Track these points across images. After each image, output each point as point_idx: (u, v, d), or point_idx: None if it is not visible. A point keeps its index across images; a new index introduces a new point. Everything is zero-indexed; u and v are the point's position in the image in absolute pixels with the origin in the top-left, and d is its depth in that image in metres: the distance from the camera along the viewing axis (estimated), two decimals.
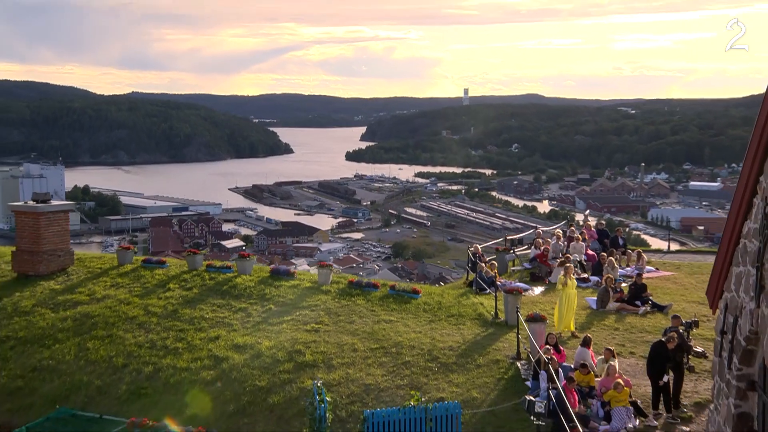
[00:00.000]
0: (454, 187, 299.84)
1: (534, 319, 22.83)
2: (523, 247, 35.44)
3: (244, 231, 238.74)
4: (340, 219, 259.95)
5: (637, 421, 19.29)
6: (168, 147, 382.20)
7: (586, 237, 33.66)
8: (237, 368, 23.06)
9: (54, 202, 31.77)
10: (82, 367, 23.84)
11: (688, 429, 19.31)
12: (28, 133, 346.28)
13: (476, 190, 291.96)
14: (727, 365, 11.36)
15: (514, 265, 32.56)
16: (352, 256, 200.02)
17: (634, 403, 19.55)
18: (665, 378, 19.75)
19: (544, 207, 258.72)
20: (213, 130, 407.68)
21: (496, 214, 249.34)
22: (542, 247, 32.27)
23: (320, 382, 20.22)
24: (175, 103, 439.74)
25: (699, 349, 22.59)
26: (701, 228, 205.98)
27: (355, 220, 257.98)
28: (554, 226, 41.56)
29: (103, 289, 28.80)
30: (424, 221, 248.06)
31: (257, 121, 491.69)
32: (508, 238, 38.29)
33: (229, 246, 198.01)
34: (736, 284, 11.30)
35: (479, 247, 32.58)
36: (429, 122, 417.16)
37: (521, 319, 22.79)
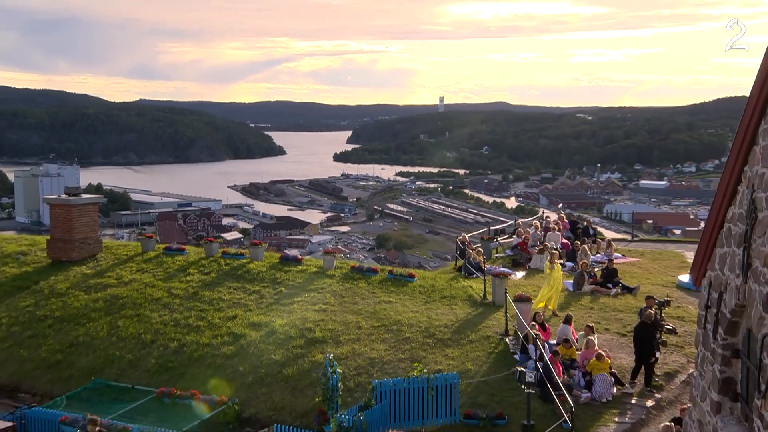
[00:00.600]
0: (431, 186, 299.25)
1: (521, 299, 22.90)
2: (505, 236, 35.44)
3: (242, 224, 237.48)
4: (329, 214, 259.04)
5: (615, 389, 19.46)
6: (173, 149, 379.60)
7: (561, 227, 33.77)
8: (254, 344, 23.04)
9: (84, 196, 31.56)
10: (114, 343, 23.79)
11: (660, 396, 19.50)
12: (47, 136, 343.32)
13: (451, 188, 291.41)
14: (712, 336, 11.41)
15: (497, 253, 32.57)
16: (339, 246, 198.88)
17: (613, 374, 19.71)
18: (657, 354, 19.94)
19: (511, 203, 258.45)
20: (214, 133, 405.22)
21: (469, 210, 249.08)
22: (523, 236, 32.40)
23: (331, 355, 20.22)
24: (180, 110, 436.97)
25: (670, 326, 22.69)
26: (650, 222, 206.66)
27: (342, 215, 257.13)
28: (532, 218, 41.57)
29: (129, 273, 28.66)
30: (405, 216, 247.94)
31: (253, 125, 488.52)
32: (491, 228, 38.28)
33: (228, 238, 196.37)
34: (720, 264, 11.35)
35: (467, 236, 32.62)
36: (408, 127, 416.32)
37: (509, 299, 22.86)
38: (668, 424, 16.56)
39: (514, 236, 33.37)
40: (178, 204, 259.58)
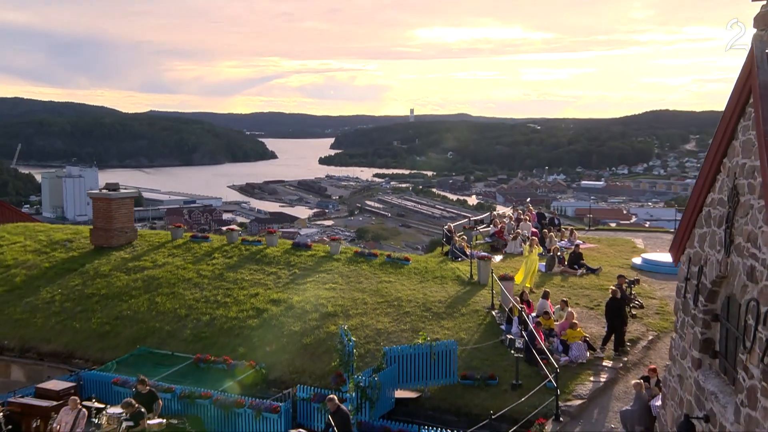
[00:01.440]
0: (404, 185, 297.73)
1: (505, 278, 23.03)
2: (484, 226, 35.46)
3: (240, 219, 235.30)
4: (315, 210, 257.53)
5: (588, 353, 19.67)
6: (179, 153, 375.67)
7: (530, 218, 33.96)
8: (275, 317, 23.04)
9: (122, 191, 31.28)
10: (154, 316, 23.72)
11: (626, 359, 19.72)
12: (69, 142, 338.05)
13: (420, 187, 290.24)
14: (692, 303, 11.56)
15: (477, 240, 32.65)
16: (324, 238, 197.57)
17: (585, 340, 19.91)
18: (628, 323, 20.13)
19: (472, 200, 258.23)
20: (214, 140, 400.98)
21: (436, 206, 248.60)
22: (499, 226, 32.51)
23: (346, 326, 20.28)
24: (184, 119, 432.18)
25: (638, 302, 22.86)
26: (590, 216, 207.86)
27: (327, 211, 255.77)
28: (503, 210, 41.66)
29: (162, 257, 28.48)
30: (382, 211, 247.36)
31: (249, 133, 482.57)
32: (471, 219, 38.22)
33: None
34: (699, 242, 11.50)
35: (452, 225, 32.62)
36: (383, 135, 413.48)
37: (496, 278, 22.97)
38: (638, 381, 16.78)
39: (491, 226, 33.49)
40: (184, 201, 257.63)
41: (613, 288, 20.66)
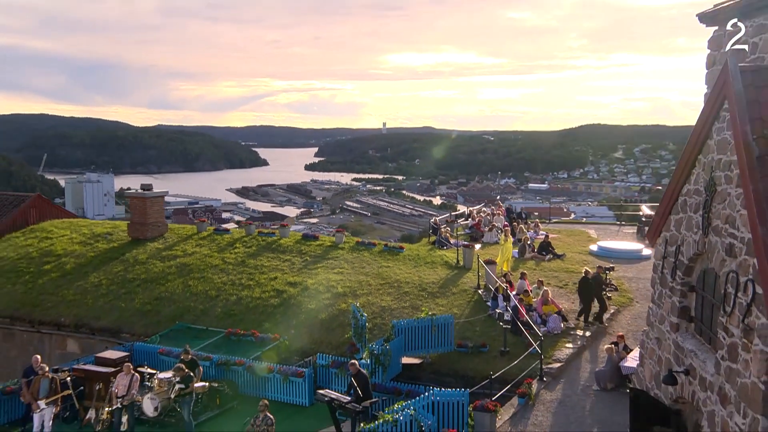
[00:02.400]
0: (378, 188, 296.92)
1: (489, 262, 23.19)
2: (463, 219, 35.55)
3: (237, 218, 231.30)
4: (302, 209, 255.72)
5: (562, 324, 19.91)
6: (183, 161, 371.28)
7: (501, 213, 34.19)
8: (293, 297, 22.99)
9: (155, 190, 30.90)
10: (188, 297, 23.56)
11: (594, 328, 19.98)
12: (88, 152, 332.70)
13: (392, 189, 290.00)
14: (670, 277, 11.78)
15: (458, 231, 32.77)
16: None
17: (560, 313, 20.16)
18: (602, 303, 20.36)
19: (437, 201, 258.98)
20: (214, 150, 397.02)
21: (406, 206, 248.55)
22: (477, 219, 32.69)
23: (358, 303, 20.33)
24: (188, 132, 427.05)
25: (613, 285, 23.04)
26: (536, 214, 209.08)
27: (312, 210, 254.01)
28: (478, 206, 41.78)
29: (191, 247, 28.19)
30: (360, 210, 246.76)
31: (244, 143, 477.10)
32: (452, 213, 38.36)
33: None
34: (675, 226, 11.73)
35: (437, 219, 32.73)
36: (360, 145, 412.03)
37: (481, 263, 23.12)
38: (609, 345, 17.08)
39: (470, 219, 33.65)
40: (188, 202, 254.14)
41: (586, 270, 20.93)
